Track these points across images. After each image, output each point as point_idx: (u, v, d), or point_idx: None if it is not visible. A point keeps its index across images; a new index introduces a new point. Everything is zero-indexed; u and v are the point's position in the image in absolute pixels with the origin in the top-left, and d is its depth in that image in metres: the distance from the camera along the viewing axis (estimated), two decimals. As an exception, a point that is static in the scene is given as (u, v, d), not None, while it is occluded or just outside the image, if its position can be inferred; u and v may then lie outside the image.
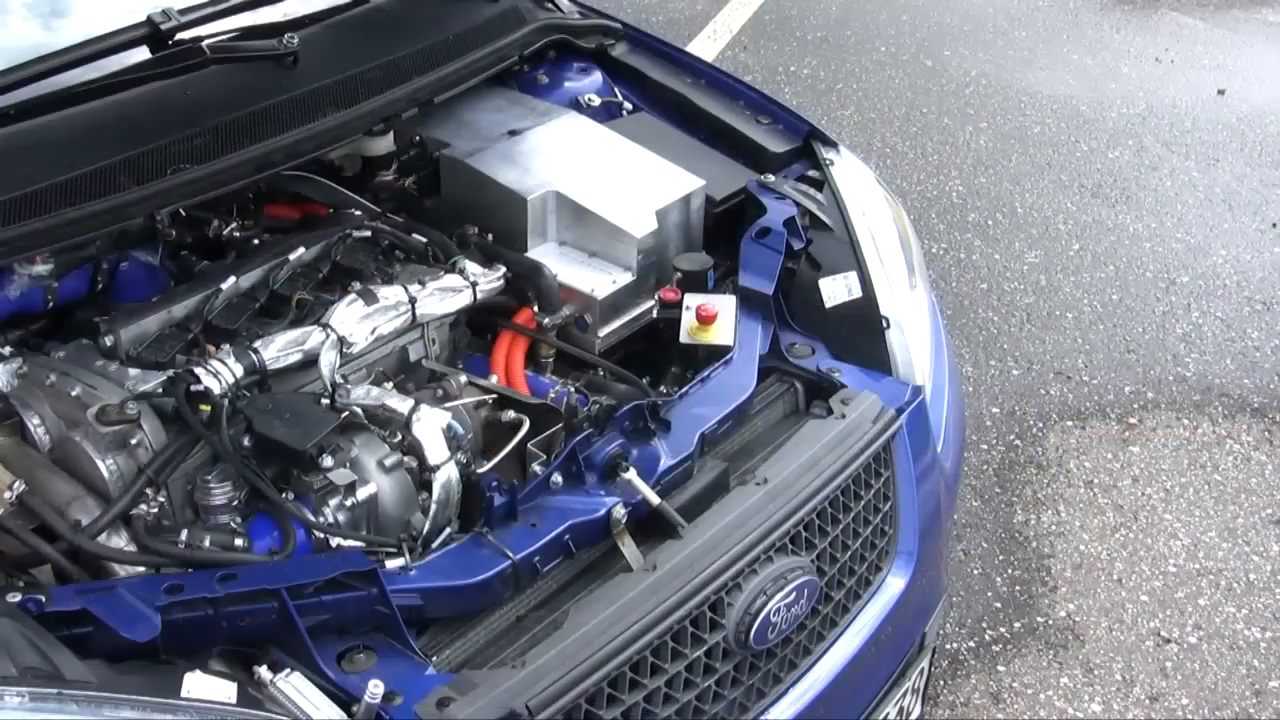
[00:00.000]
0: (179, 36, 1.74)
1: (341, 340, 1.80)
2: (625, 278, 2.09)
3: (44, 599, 1.26)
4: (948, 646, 2.74)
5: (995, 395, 3.53)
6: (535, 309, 2.04)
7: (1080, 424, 3.40)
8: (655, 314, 2.08)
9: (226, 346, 1.69)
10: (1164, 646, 2.56)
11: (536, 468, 1.70)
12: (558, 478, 1.65)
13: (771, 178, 2.27)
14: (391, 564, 1.51)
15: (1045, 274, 4.03)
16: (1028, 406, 3.49)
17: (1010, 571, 2.94)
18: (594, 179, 2.18)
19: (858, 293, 2.09)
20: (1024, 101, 5.11)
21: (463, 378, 1.81)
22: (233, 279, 1.87)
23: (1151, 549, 2.83)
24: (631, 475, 1.69)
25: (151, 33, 1.71)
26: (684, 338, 1.99)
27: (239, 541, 1.48)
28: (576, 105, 2.43)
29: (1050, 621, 2.80)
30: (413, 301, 1.89)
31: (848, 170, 2.32)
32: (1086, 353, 3.69)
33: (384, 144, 2.22)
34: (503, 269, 2.03)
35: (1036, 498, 3.13)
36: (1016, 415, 3.46)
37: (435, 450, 1.64)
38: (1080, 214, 4.37)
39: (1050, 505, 3.11)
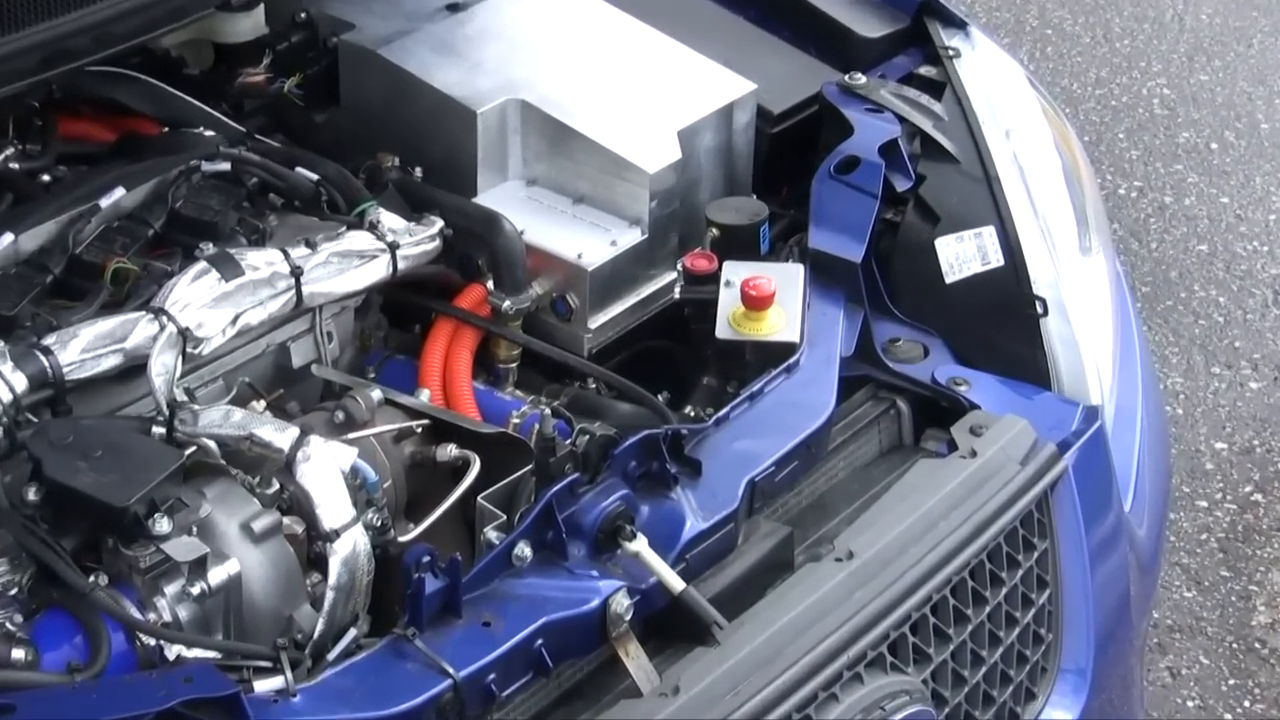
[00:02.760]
0: None
1: (184, 334, 1.79)
2: (631, 236, 2.11)
3: None
4: (1147, 822, 2.80)
5: (1221, 422, 3.53)
6: (490, 285, 2.06)
7: (1360, 469, 3.44)
8: (678, 293, 2.11)
9: (0, 343, 1.71)
10: None
11: (491, 534, 1.73)
12: (525, 550, 1.69)
13: (862, 79, 2.29)
14: (264, 686, 1.53)
15: (1304, 229, 4.09)
16: (1274, 440, 3.51)
17: (1247, 704, 2.95)
18: (582, 81, 2.20)
19: (998, 260, 2.13)
20: (1273, -50, 5.12)
21: (376, 393, 1.83)
22: (9, 237, 1.88)
23: None
24: (640, 546, 1.71)
25: None
26: (723, 331, 2.02)
27: (19, 653, 1.50)
28: (554, -37, 2.46)
29: (1313, 785, 2.85)
30: (297, 273, 1.91)
31: (983, 66, 2.35)
32: (1371, 356, 3.72)
33: (249, 24, 2.25)
34: (438, 223, 2.06)
35: (1289, 587, 3.20)
36: (1256, 454, 3.47)
37: (332, 507, 1.67)
38: (1364, 132, 4.39)
39: (1311, 598, 3.16)
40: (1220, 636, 3.08)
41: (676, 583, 1.70)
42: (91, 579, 1.58)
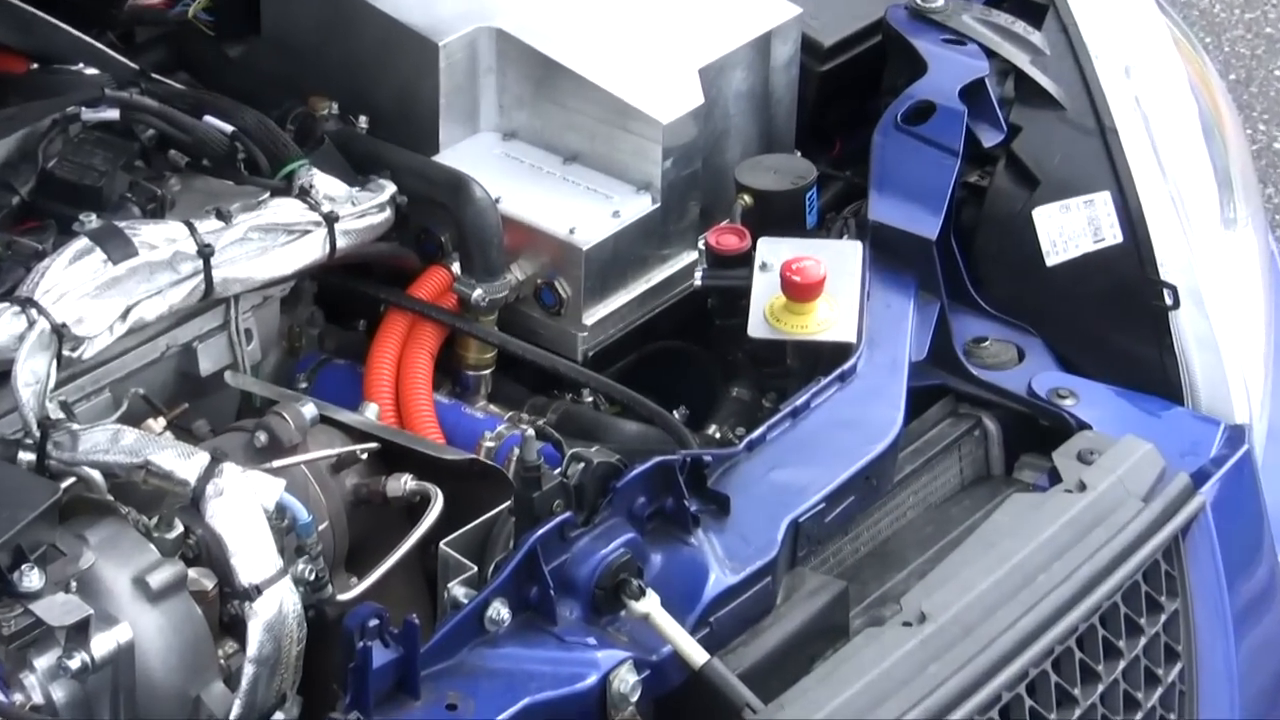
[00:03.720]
0: None
1: (60, 331, 1.80)
2: (638, 206, 2.12)
3: None
4: None
5: None
6: (455, 269, 2.09)
7: None
8: (700, 280, 2.12)
9: None
10: None
11: (458, 591, 1.72)
12: (502, 611, 1.68)
13: (940, 0, 2.32)
14: (163, 788, 1.56)
15: None
16: None
17: None
18: (575, 5, 2.22)
19: (1115, 236, 2.14)
20: None
21: (309, 409, 1.84)
22: None
23: None
24: (650, 607, 1.70)
25: None
26: (758, 328, 2.03)
27: None
28: None
29: None
30: (205, 253, 1.92)
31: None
32: None
33: (144, -67, 2.29)
34: (389, 188, 2.08)
35: None
36: None
37: (252, 557, 1.66)
38: None
39: None
40: None
41: (698, 653, 1.69)
42: (-58, 650, 1.59)
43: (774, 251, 2.05)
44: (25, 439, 1.74)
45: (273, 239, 1.98)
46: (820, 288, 2.00)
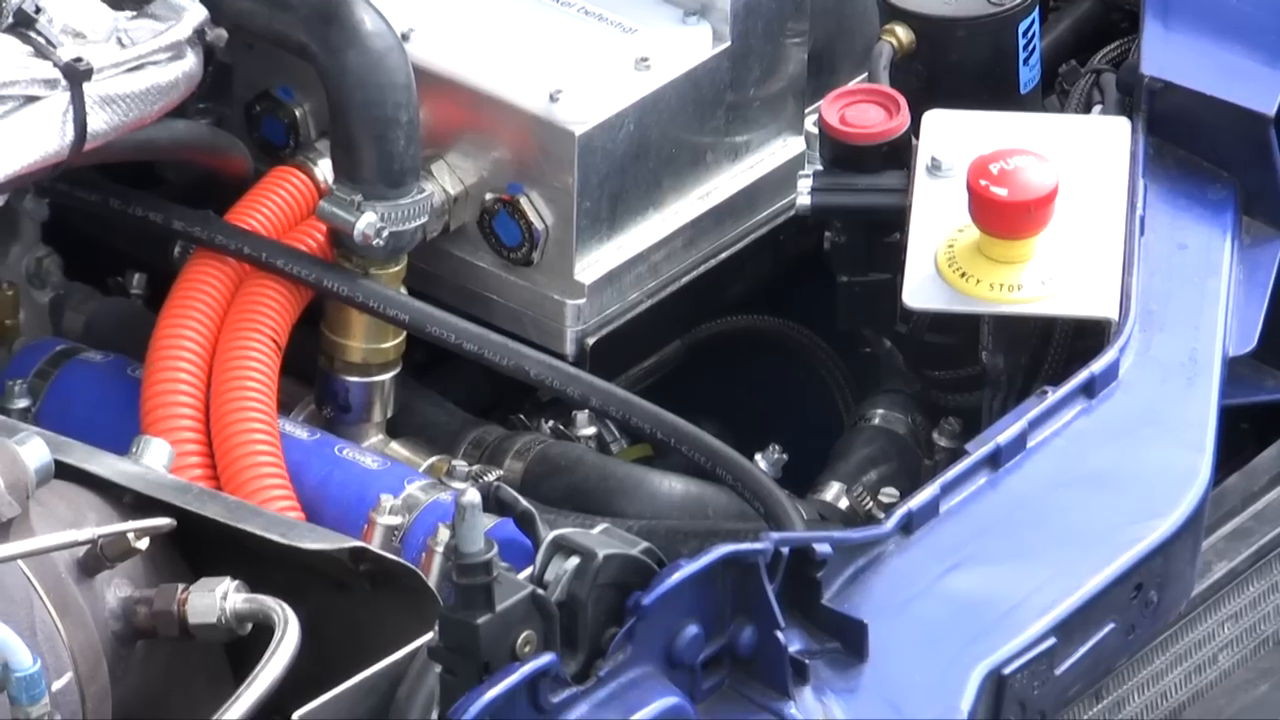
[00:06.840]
0: None
1: None
2: (686, 47, 2.14)
3: None
4: None
5: None
6: (322, 174, 2.11)
7: None
8: (809, 197, 2.11)
9: None
10: None
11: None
12: None
13: None
14: None
15: None
16: None
17: None
18: None
19: None
20: None
21: (33, 451, 1.84)
22: None
23: None
24: None
25: None
26: (921, 294, 2.01)
27: None
28: None
29: None
30: None
31: None
32: None
33: None
34: (193, 12, 2.05)
35: None
36: None
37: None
38: None
39: None
40: None
41: None
42: None
43: (954, 138, 2.02)
44: None
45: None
46: (1047, 211, 1.97)
